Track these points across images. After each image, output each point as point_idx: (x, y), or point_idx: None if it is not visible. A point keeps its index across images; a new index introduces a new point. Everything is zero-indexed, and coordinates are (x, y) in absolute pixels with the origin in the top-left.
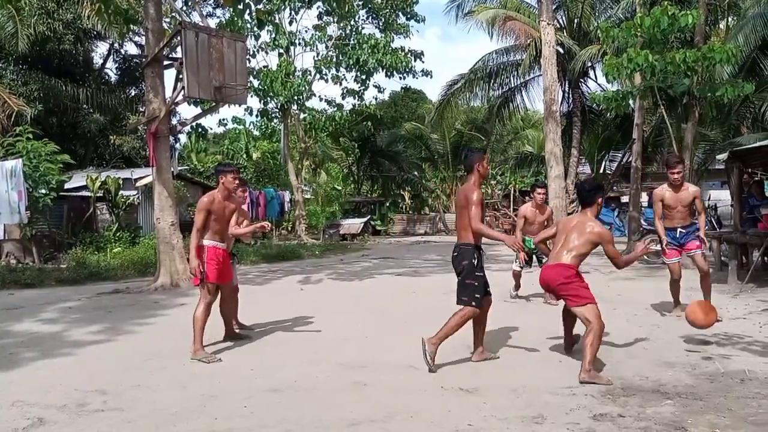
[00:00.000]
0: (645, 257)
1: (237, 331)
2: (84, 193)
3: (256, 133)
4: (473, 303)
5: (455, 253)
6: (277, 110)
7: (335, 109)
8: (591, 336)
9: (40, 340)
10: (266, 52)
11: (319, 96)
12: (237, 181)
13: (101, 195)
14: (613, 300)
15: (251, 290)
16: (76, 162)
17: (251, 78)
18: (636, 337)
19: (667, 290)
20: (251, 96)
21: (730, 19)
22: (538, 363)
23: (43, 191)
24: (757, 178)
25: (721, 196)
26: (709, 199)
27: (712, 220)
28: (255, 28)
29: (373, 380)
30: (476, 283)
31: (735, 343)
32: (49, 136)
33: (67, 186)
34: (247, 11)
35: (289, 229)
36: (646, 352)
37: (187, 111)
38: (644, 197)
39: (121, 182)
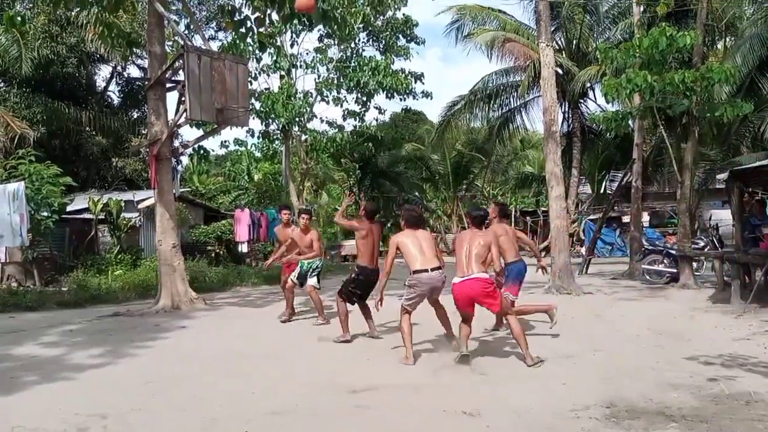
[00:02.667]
0: (648, 277)
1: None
2: (86, 215)
3: (258, 154)
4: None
5: None
6: (278, 132)
7: (336, 130)
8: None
9: (41, 363)
10: (268, 75)
11: (321, 117)
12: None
13: (103, 217)
14: (616, 321)
15: (252, 313)
16: (78, 184)
17: (253, 100)
18: (640, 359)
19: (670, 311)
20: (253, 118)
21: (727, 39)
22: (541, 385)
23: (45, 214)
24: (758, 198)
25: (722, 216)
26: (710, 219)
27: (714, 239)
28: (257, 51)
29: (375, 403)
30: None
31: (740, 365)
32: (52, 159)
33: (69, 208)
34: (249, 34)
35: None
36: (650, 374)
37: (189, 133)
38: (645, 217)
39: (123, 204)
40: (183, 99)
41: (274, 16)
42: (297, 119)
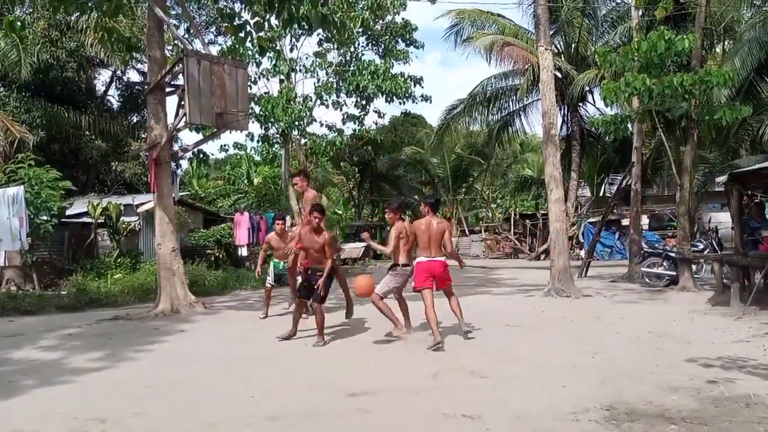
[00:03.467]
0: (647, 280)
1: None
2: (85, 219)
3: (257, 158)
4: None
5: None
6: (278, 136)
7: (336, 134)
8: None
9: (40, 367)
10: (267, 79)
11: (320, 121)
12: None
13: (102, 221)
14: (616, 323)
15: (251, 316)
16: (78, 188)
17: (252, 104)
18: (639, 361)
19: (669, 313)
20: (252, 122)
21: (726, 43)
22: (540, 388)
23: (45, 218)
24: (757, 200)
25: (721, 219)
26: (709, 222)
27: (713, 242)
28: (256, 55)
29: (375, 406)
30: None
31: (740, 367)
32: (51, 163)
33: (68, 212)
34: (249, 39)
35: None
36: (649, 377)
37: (188, 137)
38: (645, 220)
39: (122, 208)
40: (182, 103)
41: (274, 21)
42: (296, 123)
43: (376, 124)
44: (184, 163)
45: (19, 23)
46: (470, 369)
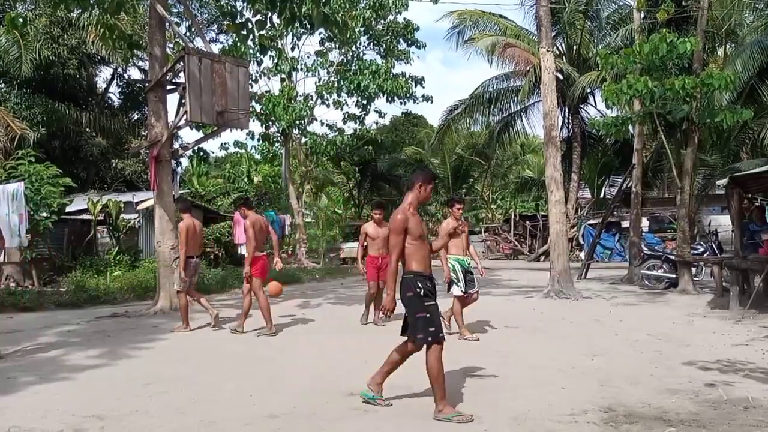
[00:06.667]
0: (647, 282)
1: None
2: (85, 216)
3: (258, 156)
4: (429, 339)
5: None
6: (278, 134)
7: (336, 133)
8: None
9: (38, 364)
10: (268, 77)
11: (321, 120)
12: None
13: (102, 218)
14: (615, 326)
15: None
16: (78, 185)
17: (253, 102)
18: (638, 364)
19: (669, 316)
20: (253, 120)
21: (727, 46)
22: (539, 389)
23: (44, 214)
24: (757, 204)
25: (722, 222)
26: (709, 224)
27: (713, 245)
28: (258, 54)
29: (373, 407)
30: (428, 315)
31: (738, 370)
32: (52, 160)
33: (68, 209)
34: (250, 37)
35: (290, 252)
36: (648, 379)
37: (189, 135)
38: (645, 222)
39: (122, 206)
40: (183, 101)
41: (275, 19)
42: (297, 122)
43: (377, 123)
44: (185, 161)
45: (21, 20)
46: (468, 370)
